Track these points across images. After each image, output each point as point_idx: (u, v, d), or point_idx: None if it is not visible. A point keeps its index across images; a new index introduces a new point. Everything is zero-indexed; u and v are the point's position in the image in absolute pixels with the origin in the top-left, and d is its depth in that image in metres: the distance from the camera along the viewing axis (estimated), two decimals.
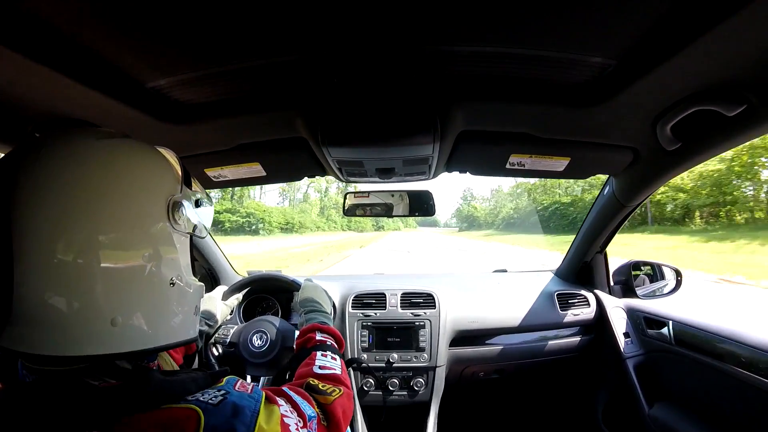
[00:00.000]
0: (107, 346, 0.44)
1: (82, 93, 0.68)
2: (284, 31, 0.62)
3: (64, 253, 0.42)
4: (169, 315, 0.50)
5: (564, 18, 0.59)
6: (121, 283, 0.45)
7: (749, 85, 0.67)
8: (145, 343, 0.47)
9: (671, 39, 0.60)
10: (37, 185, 0.42)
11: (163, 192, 0.50)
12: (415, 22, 0.60)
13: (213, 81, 0.77)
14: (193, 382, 0.47)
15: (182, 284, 0.52)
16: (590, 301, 1.57)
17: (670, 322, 1.31)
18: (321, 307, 0.98)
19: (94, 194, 0.44)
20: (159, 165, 0.52)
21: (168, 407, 0.42)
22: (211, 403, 0.43)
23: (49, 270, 0.41)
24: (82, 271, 0.42)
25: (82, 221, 0.43)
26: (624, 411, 1.44)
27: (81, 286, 0.42)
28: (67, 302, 0.42)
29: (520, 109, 0.87)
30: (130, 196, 0.47)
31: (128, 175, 0.47)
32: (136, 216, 0.47)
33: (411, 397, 1.40)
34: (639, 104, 0.80)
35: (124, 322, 0.45)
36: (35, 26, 0.55)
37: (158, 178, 0.51)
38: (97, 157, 0.46)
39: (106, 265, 0.44)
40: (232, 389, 0.47)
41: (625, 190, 1.22)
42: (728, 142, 0.83)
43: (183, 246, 0.53)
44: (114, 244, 0.45)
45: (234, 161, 1.10)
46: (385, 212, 1.35)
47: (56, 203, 0.42)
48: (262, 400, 0.48)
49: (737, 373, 1.05)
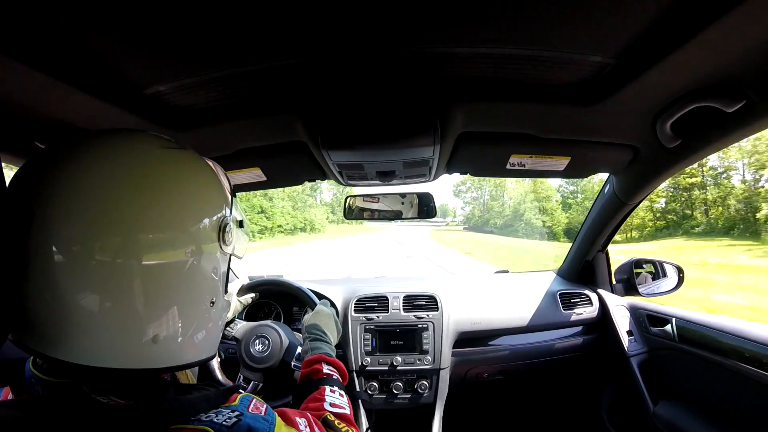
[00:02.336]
0: (145, 362, 0.44)
1: (80, 99, 0.68)
2: (283, 35, 0.62)
3: (109, 257, 0.41)
4: (201, 333, 0.50)
5: (562, 18, 0.59)
6: (167, 300, 0.45)
7: (748, 81, 0.67)
8: (175, 360, 0.47)
9: (669, 36, 0.60)
10: (84, 185, 0.41)
11: (218, 211, 0.50)
12: (413, 24, 0.60)
13: (212, 86, 0.77)
14: (206, 401, 0.46)
15: (220, 304, 0.52)
16: (593, 300, 1.57)
17: (673, 319, 1.31)
18: (327, 338, 0.96)
19: (154, 204, 0.43)
20: (216, 182, 0.51)
21: (180, 428, 0.41)
22: (225, 425, 0.42)
23: (99, 279, 0.41)
24: (127, 282, 0.42)
25: (135, 229, 0.42)
26: (629, 409, 1.43)
27: (125, 299, 0.42)
28: (109, 311, 0.41)
29: (519, 109, 0.87)
30: (189, 212, 0.47)
31: (190, 190, 0.47)
32: (193, 233, 0.47)
33: (415, 400, 1.40)
34: (638, 102, 0.80)
35: (165, 339, 0.45)
36: (34, 33, 0.55)
37: (216, 197, 0.51)
38: (159, 167, 0.45)
39: (157, 281, 0.43)
40: (245, 410, 0.46)
41: (626, 188, 1.22)
42: (728, 138, 0.83)
43: (224, 266, 0.53)
44: (166, 262, 0.44)
45: (234, 166, 1.10)
46: (388, 214, 1.35)
47: (110, 205, 0.41)
48: (276, 423, 0.47)
49: (741, 368, 1.04)
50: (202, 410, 0.44)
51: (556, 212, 33.09)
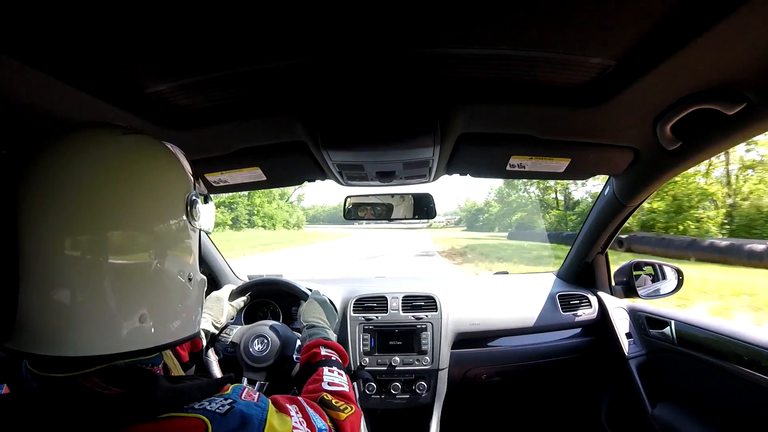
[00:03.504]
0: (135, 343, 0.45)
1: (81, 98, 0.68)
2: (284, 35, 0.62)
3: (82, 249, 0.42)
4: (182, 310, 0.52)
5: (563, 20, 0.59)
6: (146, 281, 0.46)
7: (748, 84, 0.67)
8: (158, 340, 0.48)
9: (670, 39, 0.60)
10: (52, 178, 0.42)
11: (183, 189, 0.52)
12: (414, 25, 0.60)
13: (213, 86, 0.77)
14: (199, 390, 0.46)
15: (196, 279, 0.54)
16: (592, 302, 1.57)
17: (672, 321, 1.31)
18: (324, 324, 0.97)
19: (119, 189, 0.44)
20: (178, 162, 0.53)
21: (174, 416, 0.42)
22: (218, 412, 0.43)
23: (67, 266, 0.41)
24: (104, 267, 0.43)
25: (104, 216, 0.43)
26: (627, 411, 1.43)
27: (104, 284, 0.43)
28: (89, 300, 0.42)
29: (520, 110, 0.87)
30: (156, 192, 0.48)
31: (154, 171, 0.49)
32: (162, 211, 0.48)
33: (413, 400, 1.40)
34: (639, 104, 0.80)
35: (150, 317, 0.46)
36: (34, 32, 0.55)
37: (180, 175, 0.52)
38: (123, 151, 0.46)
39: (132, 261, 0.45)
40: (238, 398, 0.47)
41: (626, 190, 1.22)
42: (728, 140, 0.83)
43: (195, 242, 0.55)
44: (139, 240, 0.46)
45: (234, 166, 1.10)
46: (386, 215, 1.35)
47: (76, 196, 0.42)
48: (269, 409, 0.48)
49: (740, 371, 1.04)
50: (196, 398, 0.45)
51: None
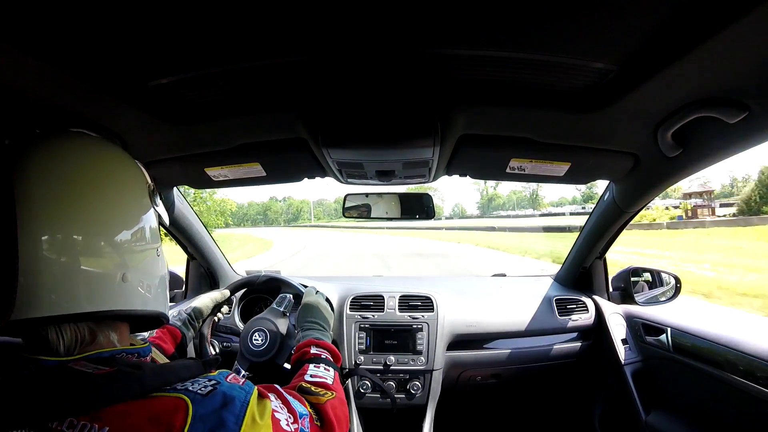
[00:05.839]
0: (118, 303, 0.51)
1: (83, 91, 0.68)
2: (286, 33, 0.62)
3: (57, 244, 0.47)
4: (155, 283, 0.59)
5: (566, 23, 0.59)
6: (123, 251, 0.54)
7: (750, 92, 0.67)
8: (139, 304, 0.54)
9: (673, 45, 0.59)
10: (41, 174, 0.49)
11: (145, 181, 0.62)
12: (417, 25, 0.60)
13: (214, 81, 0.77)
14: (186, 369, 0.48)
15: (161, 256, 0.63)
16: (589, 307, 1.57)
17: (669, 329, 1.31)
18: (318, 324, 0.98)
19: (97, 185, 0.53)
20: (134, 162, 0.64)
21: (159, 396, 0.43)
22: (200, 393, 0.44)
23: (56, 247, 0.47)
24: (90, 242, 0.50)
25: (87, 205, 0.51)
26: (621, 418, 1.43)
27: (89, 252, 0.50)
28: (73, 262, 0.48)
29: (520, 113, 0.87)
30: (127, 184, 0.58)
31: (123, 167, 0.59)
32: (135, 198, 0.59)
33: (408, 400, 1.40)
34: (640, 110, 0.80)
35: (131, 279, 0.53)
36: (35, 22, 0.55)
37: (140, 171, 0.63)
38: (94, 153, 0.56)
39: (114, 238, 0.53)
40: (223, 380, 0.48)
41: (626, 196, 1.22)
42: (729, 149, 0.83)
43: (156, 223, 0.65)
44: (118, 221, 0.54)
45: (234, 161, 1.10)
46: (385, 214, 1.35)
47: (56, 193, 0.49)
48: (253, 392, 0.49)
49: (735, 381, 1.04)
50: (183, 378, 0.46)
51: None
